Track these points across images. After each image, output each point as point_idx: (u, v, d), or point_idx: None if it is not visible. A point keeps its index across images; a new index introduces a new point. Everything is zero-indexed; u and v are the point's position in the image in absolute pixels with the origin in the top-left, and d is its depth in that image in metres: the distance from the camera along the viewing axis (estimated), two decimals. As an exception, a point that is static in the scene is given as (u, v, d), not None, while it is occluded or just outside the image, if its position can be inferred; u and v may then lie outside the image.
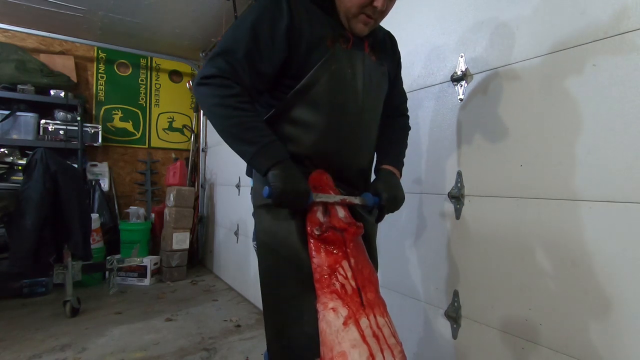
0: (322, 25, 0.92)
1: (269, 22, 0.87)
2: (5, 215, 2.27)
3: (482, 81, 1.25)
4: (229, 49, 0.86)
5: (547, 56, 1.06)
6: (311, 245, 0.85)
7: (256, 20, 0.87)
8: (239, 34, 0.87)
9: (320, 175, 0.93)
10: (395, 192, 0.99)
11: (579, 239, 0.97)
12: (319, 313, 0.80)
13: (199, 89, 0.87)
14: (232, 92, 0.84)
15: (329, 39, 0.92)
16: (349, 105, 0.96)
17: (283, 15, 0.87)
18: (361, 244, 0.93)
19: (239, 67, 0.85)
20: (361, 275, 0.85)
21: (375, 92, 1.02)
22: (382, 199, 0.95)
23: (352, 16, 0.92)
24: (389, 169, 1.05)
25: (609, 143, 0.91)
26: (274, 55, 0.88)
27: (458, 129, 1.33)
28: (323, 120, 0.93)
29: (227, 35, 0.90)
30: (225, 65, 0.85)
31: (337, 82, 0.93)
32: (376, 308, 0.83)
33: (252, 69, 0.87)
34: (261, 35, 0.87)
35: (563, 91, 1.02)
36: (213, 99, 0.85)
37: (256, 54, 0.87)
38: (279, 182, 0.81)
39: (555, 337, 1.01)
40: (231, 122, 0.84)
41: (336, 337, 0.76)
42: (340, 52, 0.93)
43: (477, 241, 1.24)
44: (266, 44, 0.87)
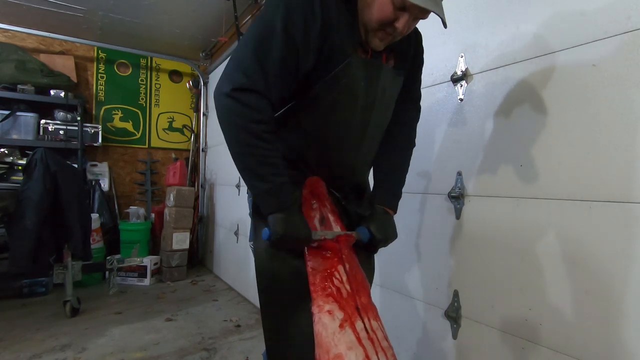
0: (347, 29, 0.85)
1: (302, 23, 0.79)
2: (5, 215, 2.27)
3: (482, 81, 1.25)
4: (260, 52, 0.77)
5: (547, 56, 1.06)
6: (307, 249, 0.87)
7: (288, 20, 0.78)
8: (270, 33, 0.78)
9: (317, 182, 0.94)
10: (387, 232, 0.99)
11: (579, 239, 0.96)
12: (314, 315, 0.80)
13: (226, 102, 0.77)
14: (260, 118, 0.77)
15: (350, 46, 0.86)
16: (355, 120, 0.92)
17: (316, 16, 0.79)
18: (353, 251, 0.94)
19: (272, 78, 0.78)
20: (355, 280, 0.86)
21: (386, 104, 0.98)
22: (375, 238, 0.96)
23: (370, 30, 0.85)
24: (383, 209, 1.02)
25: (608, 143, 0.91)
26: (304, 64, 0.81)
27: (458, 129, 1.33)
28: (325, 132, 0.91)
29: (256, 32, 0.80)
30: (258, 75, 0.77)
31: (347, 96, 0.88)
32: (370, 312, 0.84)
33: (284, 79, 0.80)
34: (295, 40, 0.78)
35: (563, 91, 1.01)
36: (238, 119, 0.77)
37: (290, 62, 0.79)
38: (280, 227, 0.80)
39: (555, 337, 1.01)
40: (250, 150, 0.78)
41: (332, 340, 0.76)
42: (358, 63, 0.87)
43: (477, 241, 1.24)
44: (297, 52, 0.79)
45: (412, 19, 0.82)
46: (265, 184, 0.80)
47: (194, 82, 4.04)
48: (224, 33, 3.28)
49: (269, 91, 0.78)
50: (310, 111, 0.89)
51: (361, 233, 0.96)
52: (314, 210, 0.92)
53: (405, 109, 1.10)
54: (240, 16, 2.79)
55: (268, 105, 0.79)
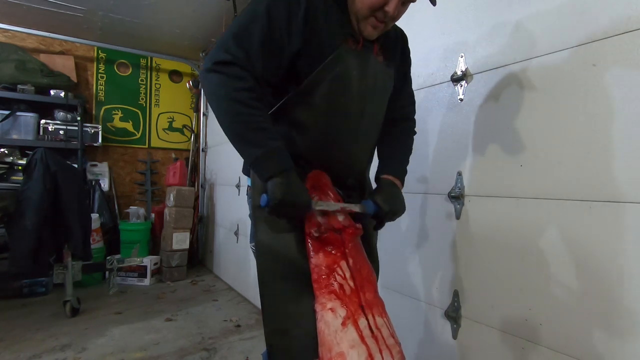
0: (337, 21, 0.88)
1: (286, 9, 0.82)
2: (5, 215, 2.27)
3: (482, 81, 1.25)
4: (243, 34, 0.80)
5: (547, 56, 1.06)
6: (309, 245, 0.85)
7: (273, 5, 0.81)
8: (254, 17, 0.81)
9: (319, 175, 0.93)
10: (395, 203, 0.97)
11: (579, 239, 0.97)
12: (317, 313, 0.79)
13: (209, 76, 0.80)
14: (245, 86, 0.79)
15: (340, 37, 0.88)
16: (351, 108, 0.93)
17: (300, 4, 0.82)
18: (360, 244, 0.92)
19: (253, 55, 0.80)
20: (360, 275, 0.85)
21: (379, 95, 1.00)
22: (381, 209, 0.93)
23: (362, 18, 0.88)
24: (390, 180, 1.02)
25: (608, 143, 0.91)
26: (289, 46, 0.84)
27: (458, 129, 1.33)
28: (322, 123, 0.92)
29: (241, 18, 0.83)
30: (239, 51, 0.79)
31: (340, 84, 0.89)
32: (375, 308, 0.83)
33: (266, 59, 0.82)
34: (278, 23, 0.81)
35: (563, 91, 1.02)
36: (223, 90, 0.79)
37: (271, 42, 0.81)
38: (279, 191, 0.78)
39: (555, 337, 1.01)
40: (239, 119, 0.79)
41: (335, 338, 0.75)
42: (348, 53, 0.89)
43: (477, 241, 1.24)
44: (282, 33, 0.82)
45: (402, 2, 0.85)
46: (259, 149, 0.79)
47: (194, 82, 4.04)
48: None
49: (251, 64, 0.80)
50: (306, 104, 0.90)
51: (366, 205, 0.92)
52: None
53: (402, 106, 1.14)
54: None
55: (250, 76, 0.80)
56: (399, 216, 1.00)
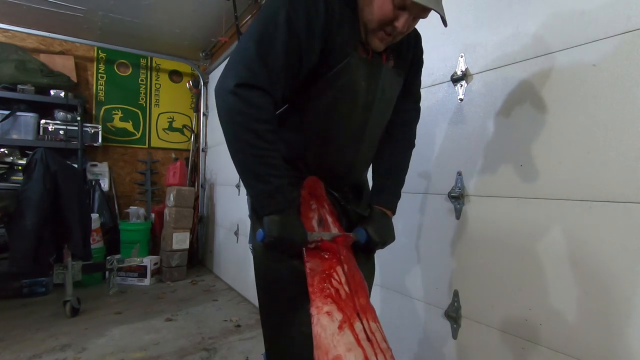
0: (349, 27, 0.85)
1: (305, 17, 0.77)
2: (5, 215, 2.27)
3: (482, 81, 1.25)
4: (265, 47, 0.76)
5: (547, 56, 1.06)
6: (305, 251, 0.86)
7: (291, 13, 0.76)
8: (273, 26, 0.76)
9: (315, 182, 0.94)
10: (386, 234, 0.99)
11: (579, 239, 0.96)
12: (312, 317, 0.80)
13: (229, 98, 0.75)
14: (264, 117, 0.76)
15: (351, 44, 0.85)
16: (354, 119, 0.92)
17: (319, 13, 0.78)
18: (352, 252, 0.94)
19: (275, 74, 0.76)
20: (354, 281, 0.86)
21: (385, 106, 0.98)
22: (372, 240, 0.95)
23: (370, 30, 0.85)
24: (382, 210, 1.02)
25: (608, 143, 0.91)
26: (308, 57, 0.80)
27: (458, 129, 1.33)
28: (324, 131, 0.91)
29: (260, 26, 0.78)
30: (262, 72, 0.75)
31: (347, 95, 0.87)
32: (368, 313, 0.84)
33: (288, 75, 0.79)
34: (298, 36, 0.77)
35: (563, 91, 1.01)
36: (241, 118, 0.75)
37: (293, 57, 0.78)
38: (275, 230, 0.79)
39: (555, 337, 1.01)
40: (250, 151, 0.77)
41: (331, 341, 0.76)
42: (358, 62, 0.86)
43: (477, 241, 1.24)
44: (300, 44, 0.78)
45: (412, 18, 0.82)
46: (263, 185, 0.79)
47: (194, 82, 4.04)
48: (224, 33, 3.28)
49: (273, 87, 0.77)
50: (311, 110, 0.89)
51: (358, 234, 0.95)
52: (312, 211, 0.92)
53: (405, 110, 1.10)
54: (240, 16, 2.79)
55: (271, 103, 0.78)
56: (388, 244, 1.02)
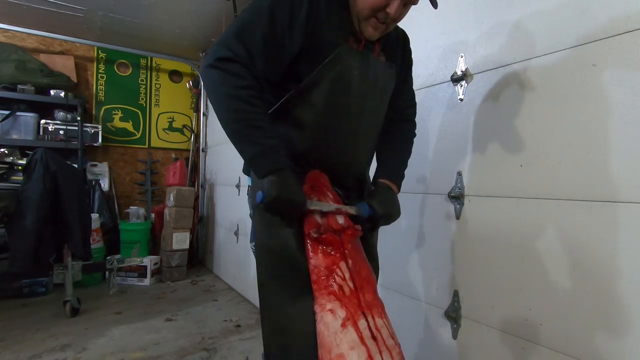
0: (338, 20, 0.88)
1: (289, 7, 0.82)
2: (5, 215, 2.27)
3: (482, 81, 1.25)
4: (246, 31, 0.81)
5: (547, 56, 1.06)
6: (308, 246, 0.85)
7: (275, 3, 0.82)
8: (256, 15, 0.82)
9: (318, 175, 0.93)
10: (390, 208, 0.97)
11: (579, 239, 0.96)
12: (316, 314, 0.79)
13: (211, 72, 0.81)
14: (245, 83, 0.80)
15: (342, 36, 0.89)
16: (350, 108, 0.93)
17: (303, 3, 0.83)
18: (359, 245, 0.92)
19: (255, 52, 0.81)
20: (359, 276, 0.84)
21: (380, 95, 1.00)
22: (376, 213, 0.93)
23: (363, 19, 0.88)
24: (386, 184, 1.02)
25: (608, 143, 0.91)
26: (291, 45, 0.84)
27: (458, 129, 1.33)
28: (322, 122, 0.92)
29: (244, 15, 0.84)
30: (241, 49, 0.80)
31: (340, 84, 0.89)
32: (374, 309, 0.82)
33: (267, 57, 0.83)
34: (280, 21, 0.82)
35: (563, 91, 1.01)
36: (224, 87, 0.80)
37: (273, 40, 0.82)
38: (274, 189, 0.78)
39: (555, 337, 1.01)
40: (238, 116, 0.80)
41: (334, 339, 0.75)
42: (349, 53, 0.89)
43: (477, 241, 1.24)
44: (284, 32, 0.82)
45: (403, 3, 0.85)
46: (256, 147, 0.80)
47: (194, 82, 4.04)
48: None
49: (252, 62, 0.81)
50: (306, 103, 0.90)
51: (361, 208, 0.92)
52: None
53: (401, 108, 1.13)
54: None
55: (251, 74, 0.81)
56: (393, 220, 1.00)
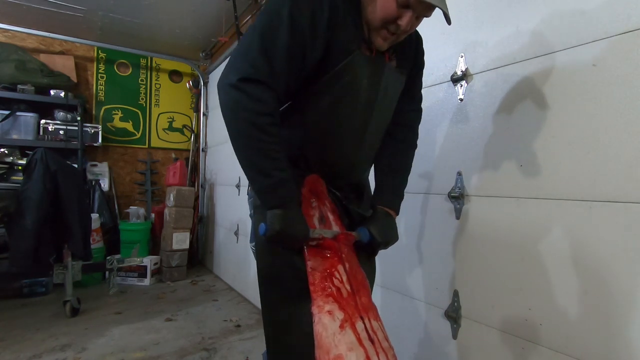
0: (353, 25, 0.85)
1: (310, 14, 0.77)
2: (5, 215, 2.27)
3: (482, 81, 1.25)
4: (267, 41, 0.76)
5: (547, 56, 1.06)
6: (306, 249, 0.86)
7: (295, 11, 0.77)
8: (276, 21, 0.76)
9: (316, 180, 0.93)
10: (389, 234, 0.98)
11: (579, 239, 0.96)
12: (314, 316, 0.80)
13: (232, 93, 0.76)
14: (266, 110, 0.76)
15: (355, 43, 0.86)
16: (356, 117, 0.92)
17: (324, 8, 0.79)
18: (353, 251, 0.94)
19: (277, 67, 0.76)
20: (355, 280, 0.85)
21: (387, 105, 0.98)
22: (375, 240, 0.94)
23: (373, 29, 0.85)
24: (385, 210, 1.01)
25: (608, 143, 0.91)
26: (313, 53, 0.80)
27: (458, 129, 1.33)
28: (326, 128, 0.91)
29: (262, 24, 0.78)
30: (264, 64, 0.75)
31: (349, 92, 0.88)
32: (370, 312, 0.83)
33: (291, 69, 0.79)
34: (301, 28, 0.77)
35: (563, 91, 1.01)
36: (244, 113, 0.75)
37: (296, 50, 0.77)
38: (277, 223, 0.79)
39: (555, 337, 1.01)
40: (253, 144, 0.77)
41: (333, 340, 0.75)
42: (361, 60, 0.86)
43: (477, 241, 1.24)
44: (305, 39, 0.78)
45: (416, 16, 0.82)
46: (266, 179, 0.78)
47: (194, 82, 4.04)
48: (224, 33, 3.28)
49: (276, 82, 0.77)
50: (313, 107, 0.89)
51: (361, 234, 0.95)
52: (313, 208, 0.91)
53: (407, 111, 1.09)
54: (240, 16, 2.79)
55: (274, 97, 0.78)
56: (391, 245, 1.01)
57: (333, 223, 0.93)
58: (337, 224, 0.94)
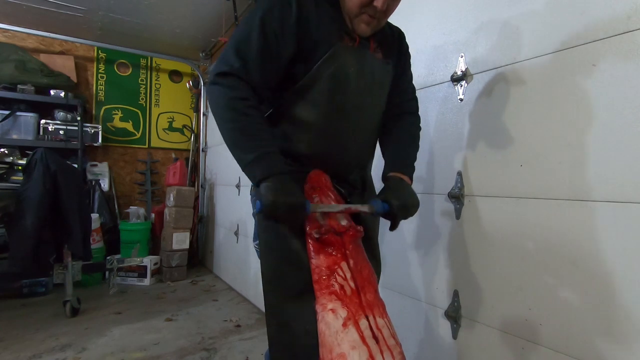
0: (330, 20, 0.91)
1: (279, 15, 0.86)
2: (5, 215, 2.27)
3: (482, 81, 1.25)
4: (241, 45, 0.85)
5: (547, 56, 1.06)
6: (310, 246, 0.85)
7: (265, 14, 0.86)
8: (249, 28, 0.86)
9: (319, 175, 0.93)
10: (407, 198, 0.93)
11: (579, 239, 0.96)
12: (317, 314, 0.79)
13: (212, 88, 0.85)
14: (241, 95, 0.83)
15: (336, 35, 0.91)
16: (349, 105, 0.95)
17: (292, 8, 0.86)
18: (360, 245, 0.92)
19: (251, 64, 0.84)
20: (360, 276, 0.84)
21: (378, 91, 1.01)
22: (392, 206, 0.89)
23: (353, 16, 0.91)
24: (397, 176, 0.98)
25: (609, 143, 0.91)
26: (284, 51, 0.87)
27: (458, 129, 1.33)
28: (321, 119, 0.93)
29: (238, 30, 0.89)
30: (237, 62, 0.84)
31: (338, 81, 0.91)
32: (375, 309, 0.82)
33: (264, 66, 0.86)
34: (271, 30, 0.85)
35: (563, 91, 1.01)
36: (221, 100, 0.83)
37: (267, 49, 0.85)
38: (271, 194, 0.77)
39: (555, 337, 1.01)
40: (234, 125, 0.83)
41: (335, 339, 0.75)
42: (345, 50, 0.91)
43: (477, 241, 1.24)
44: (276, 40, 0.86)
45: None
46: (250, 154, 0.81)
47: (194, 82, 4.04)
48: (224, 33, 3.28)
49: (248, 74, 0.84)
50: (305, 102, 0.92)
51: (375, 205, 0.88)
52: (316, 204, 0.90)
53: (403, 101, 1.14)
54: (240, 16, 2.79)
55: (247, 86, 0.85)
56: (414, 211, 0.94)
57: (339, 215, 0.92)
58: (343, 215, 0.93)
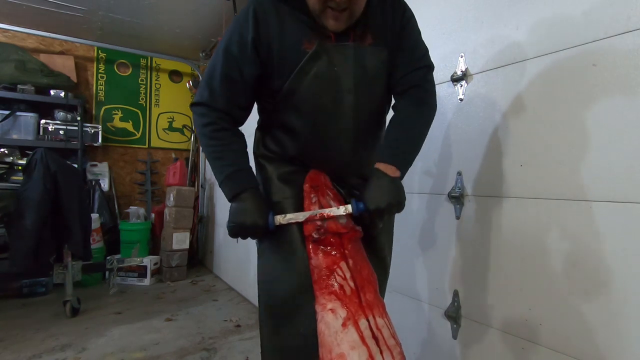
0: (297, 27, 0.88)
1: (238, 39, 0.89)
2: (5, 215, 2.27)
3: (482, 81, 1.25)
4: (210, 75, 0.92)
5: (547, 56, 1.06)
6: (309, 247, 0.85)
7: (228, 40, 0.91)
8: (216, 58, 0.92)
9: (318, 175, 0.93)
10: (382, 198, 0.83)
11: (579, 239, 0.96)
12: (317, 314, 0.79)
13: (193, 117, 0.95)
14: (206, 121, 0.90)
15: (306, 40, 0.88)
16: (342, 105, 0.91)
17: (248, 29, 0.88)
18: (360, 245, 0.92)
19: (217, 92, 0.90)
20: (360, 275, 0.84)
21: (370, 83, 0.94)
22: (367, 207, 0.83)
23: (318, 14, 0.85)
24: (380, 170, 0.87)
25: (609, 143, 0.91)
26: (247, 73, 0.90)
27: (458, 129, 1.33)
28: (309, 124, 0.92)
29: (209, 63, 0.95)
30: (205, 91, 0.91)
31: (319, 84, 0.88)
32: (375, 309, 0.82)
33: (230, 91, 0.91)
34: (231, 57, 0.90)
35: (563, 91, 1.01)
36: (197, 128, 0.94)
37: (229, 75, 0.90)
38: (232, 216, 0.88)
39: (555, 337, 1.01)
40: (206, 150, 0.92)
41: (335, 339, 0.75)
42: (320, 52, 0.87)
43: (477, 241, 1.24)
44: (236, 64, 0.89)
45: None
46: (220, 175, 0.90)
47: (194, 82, 4.04)
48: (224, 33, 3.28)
49: (215, 101, 0.91)
50: (291, 109, 0.92)
51: (351, 206, 0.85)
52: (314, 204, 0.89)
53: (409, 72, 0.97)
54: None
55: (212, 111, 0.91)
56: (395, 210, 0.86)
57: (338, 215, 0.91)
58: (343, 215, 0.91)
